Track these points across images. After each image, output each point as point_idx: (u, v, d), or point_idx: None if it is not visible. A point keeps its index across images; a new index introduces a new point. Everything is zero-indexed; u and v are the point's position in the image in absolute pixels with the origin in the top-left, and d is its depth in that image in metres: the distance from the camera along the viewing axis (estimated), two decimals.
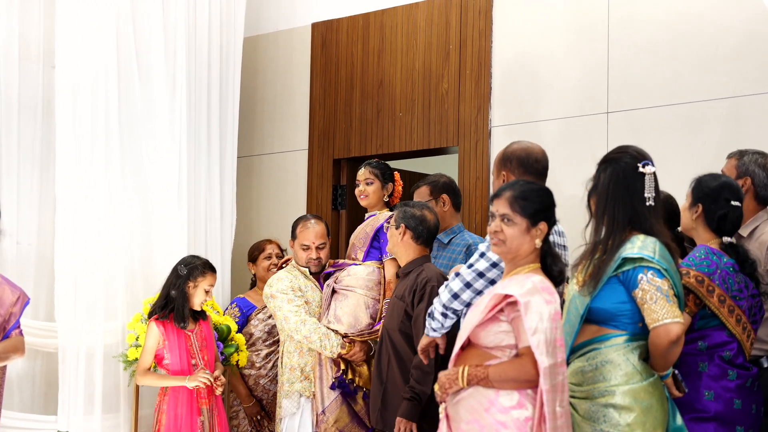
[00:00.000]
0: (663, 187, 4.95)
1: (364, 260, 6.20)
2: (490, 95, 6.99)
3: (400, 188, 6.38)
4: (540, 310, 3.89)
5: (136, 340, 6.35)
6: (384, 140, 7.50)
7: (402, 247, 5.57)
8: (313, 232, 6.32)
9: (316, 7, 7.96)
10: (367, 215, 6.39)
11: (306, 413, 6.08)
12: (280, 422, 6.14)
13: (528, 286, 3.97)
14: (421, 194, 6.21)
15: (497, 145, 6.82)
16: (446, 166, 7.04)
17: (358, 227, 6.37)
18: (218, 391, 6.10)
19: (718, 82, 6.09)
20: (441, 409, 4.19)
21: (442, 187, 6.22)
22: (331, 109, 7.75)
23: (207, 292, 6.19)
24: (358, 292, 6.09)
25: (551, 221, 4.16)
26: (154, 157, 7.05)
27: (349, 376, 5.98)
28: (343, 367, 5.99)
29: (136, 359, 6.31)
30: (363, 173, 6.29)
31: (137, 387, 6.55)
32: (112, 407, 6.66)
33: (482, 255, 4.69)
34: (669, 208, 5.01)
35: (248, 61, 8.00)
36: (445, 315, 4.81)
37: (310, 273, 6.33)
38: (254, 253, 7.10)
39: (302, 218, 6.47)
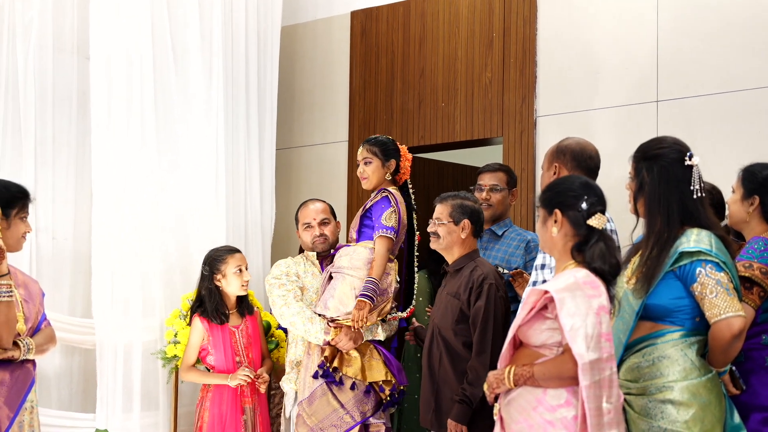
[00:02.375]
0: (715, 177, 5.00)
1: (357, 240, 5.81)
2: (536, 84, 6.97)
3: (408, 164, 5.93)
4: (578, 304, 3.87)
5: (175, 336, 6.38)
6: (426, 131, 7.49)
7: (459, 243, 5.43)
8: (312, 209, 6.17)
9: None
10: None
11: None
12: (284, 422, 6.02)
13: (570, 281, 3.95)
14: (499, 178, 6.09)
15: (543, 136, 6.87)
16: (490, 157, 7.00)
17: None
18: (261, 389, 6.11)
19: None
20: (495, 410, 4.20)
21: (516, 179, 6.20)
22: (372, 99, 7.77)
23: (240, 272, 6.16)
24: (346, 273, 5.69)
25: (569, 209, 4.09)
26: (191, 150, 7.09)
27: (335, 364, 5.58)
28: (326, 354, 5.61)
29: (175, 356, 6.36)
30: (361, 152, 5.90)
31: (176, 384, 6.59)
32: (151, 405, 6.69)
33: (542, 267, 4.74)
34: (714, 200, 4.94)
35: (286, 51, 8.02)
36: None
37: (318, 255, 6.14)
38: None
39: (301, 203, 6.32)
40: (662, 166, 4.17)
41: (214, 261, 6.21)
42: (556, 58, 6.90)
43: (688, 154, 4.16)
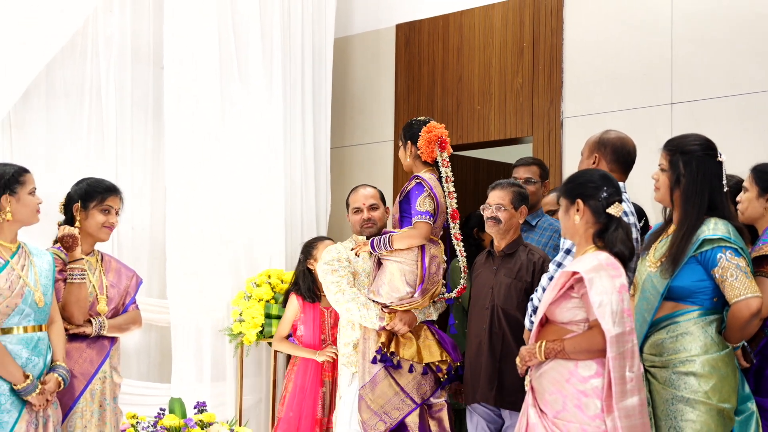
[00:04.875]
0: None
1: (400, 227, 5.45)
2: (562, 88, 6.96)
3: (425, 144, 5.39)
4: (604, 284, 3.90)
5: (240, 315, 6.46)
6: (463, 131, 7.48)
7: (515, 228, 5.36)
8: (362, 194, 5.79)
9: (399, 9, 7.95)
10: None
11: (356, 388, 5.43)
12: (339, 399, 5.63)
13: (594, 263, 3.98)
14: (533, 171, 6.04)
15: (569, 135, 6.86)
16: (520, 154, 7.00)
17: None
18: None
19: None
20: (526, 382, 4.22)
21: (548, 172, 6.16)
22: (414, 103, 7.73)
23: None
24: (395, 260, 5.38)
25: (590, 199, 4.13)
26: (254, 150, 7.13)
27: (391, 348, 5.29)
28: (383, 339, 5.32)
29: (240, 333, 6.43)
30: None
31: (242, 358, 6.67)
32: (220, 376, 6.78)
33: (568, 251, 4.65)
34: (738, 192, 4.85)
35: (338, 60, 8.02)
36: None
37: (368, 239, 5.67)
38: None
39: (353, 188, 5.98)
40: (700, 162, 4.15)
41: (307, 247, 6.32)
42: (580, 65, 6.88)
43: (718, 152, 4.18)
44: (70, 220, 4.91)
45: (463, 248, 5.53)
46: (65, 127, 6.63)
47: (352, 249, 5.58)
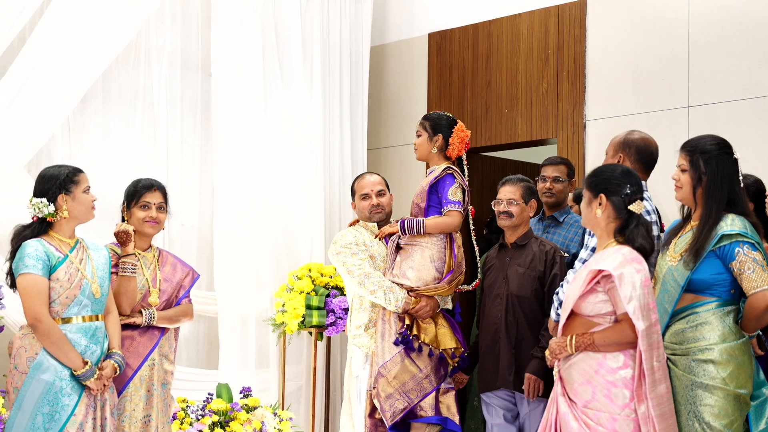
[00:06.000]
0: None
1: (426, 216, 5.32)
2: (585, 93, 6.93)
3: (457, 142, 5.39)
4: (632, 280, 3.90)
5: (282, 306, 6.47)
6: (492, 133, 7.46)
7: (526, 221, 5.39)
8: (369, 180, 5.68)
9: (431, 19, 7.93)
10: (427, 170, 5.59)
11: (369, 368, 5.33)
12: (350, 381, 5.46)
13: (619, 259, 3.97)
14: (561, 170, 5.99)
15: (591, 137, 6.84)
16: (546, 155, 6.96)
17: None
18: None
19: None
20: (555, 372, 4.22)
21: (574, 171, 6.12)
22: (446, 107, 7.69)
23: None
24: (424, 246, 5.28)
25: (613, 195, 4.12)
26: (295, 151, 7.14)
27: (414, 332, 5.21)
28: (408, 322, 5.22)
29: (283, 323, 6.43)
30: (417, 125, 5.55)
31: (284, 346, 6.67)
32: (263, 363, 6.81)
33: (594, 250, 4.63)
34: (758, 190, 4.89)
35: (374, 67, 8.03)
36: None
37: (379, 225, 5.63)
38: None
39: (357, 176, 5.87)
40: (719, 161, 4.16)
41: None
42: (602, 70, 6.85)
43: (733, 150, 4.18)
44: (123, 221, 5.02)
45: (476, 243, 5.55)
46: (120, 131, 6.67)
47: (377, 234, 5.49)
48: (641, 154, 4.86)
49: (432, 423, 5.24)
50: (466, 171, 5.45)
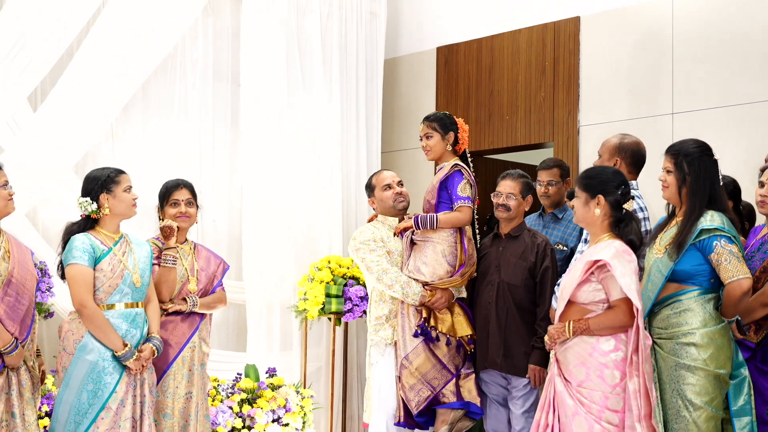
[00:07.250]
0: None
1: (436, 212, 5.21)
2: (579, 101, 6.90)
3: (465, 135, 5.35)
4: (626, 268, 3.96)
5: (304, 295, 6.46)
6: (494, 137, 7.44)
7: (522, 214, 5.32)
8: (388, 174, 5.52)
9: (439, 34, 7.88)
10: (437, 168, 5.47)
11: (389, 359, 5.21)
12: (370, 368, 5.35)
13: (612, 250, 4.02)
14: (554, 174, 5.81)
15: (584, 141, 6.83)
16: (543, 158, 6.96)
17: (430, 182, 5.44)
18: None
19: (765, 86, 5.99)
20: (551, 355, 4.26)
21: (568, 169, 6.04)
22: (452, 114, 7.47)
23: None
24: (435, 242, 5.18)
25: (610, 195, 4.15)
26: (315, 154, 7.13)
27: (431, 323, 5.11)
28: (425, 315, 5.12)
29: (305, 309, 6.43)
30: (422, 129, 5.34)
31: (306, 331, 6.65)
32: (287, 346, 6.82)
33: (585, 241, 4.63)
34: (735, 189, 4.95)
35: (388, 77, 7.99)
36: None
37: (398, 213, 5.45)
38: None
39: (373, 173, 5.68)
40: (701, 162, 4.16)
41: None
42: (595, 80, 6.84)
43: (712, 151, 4.20)
44: (160, 220, 5.07)
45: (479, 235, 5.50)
46: (158, 135, 6.68)
47: (395, 231, 5.38)
48: (635, 157, 4.91)
49: (455, 408, 5.16)
50: (470, 164, 5.40)
